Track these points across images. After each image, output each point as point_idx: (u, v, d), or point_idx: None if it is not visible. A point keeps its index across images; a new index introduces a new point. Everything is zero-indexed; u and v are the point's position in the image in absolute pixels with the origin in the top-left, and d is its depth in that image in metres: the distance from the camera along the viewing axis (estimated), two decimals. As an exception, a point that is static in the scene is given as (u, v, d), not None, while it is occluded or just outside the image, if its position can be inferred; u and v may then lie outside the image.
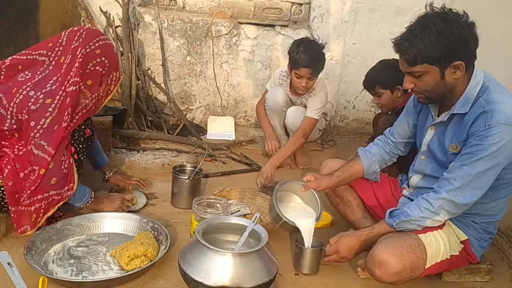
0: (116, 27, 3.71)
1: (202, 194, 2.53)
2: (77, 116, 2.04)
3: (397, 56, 1.83)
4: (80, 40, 2.00)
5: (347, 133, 4.09)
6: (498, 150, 1.70)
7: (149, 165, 2.99)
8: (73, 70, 1.98)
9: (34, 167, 1.91)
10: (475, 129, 1.74)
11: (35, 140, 1.90)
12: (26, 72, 2.02)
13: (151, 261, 1.87)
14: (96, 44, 2.02)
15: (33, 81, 1.98)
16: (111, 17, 3.70)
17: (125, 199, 2.33)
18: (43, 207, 1.94)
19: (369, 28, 3.80)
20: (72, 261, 1.92)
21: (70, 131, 2.02)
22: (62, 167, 1.96)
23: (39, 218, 1.96)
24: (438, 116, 1.92)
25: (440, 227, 1.91)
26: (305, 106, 3.19)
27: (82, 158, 2.15)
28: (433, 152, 1.95)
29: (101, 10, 3.69)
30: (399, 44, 1.75)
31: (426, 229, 1.89)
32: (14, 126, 1.95)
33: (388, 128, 2.24)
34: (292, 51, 2.99)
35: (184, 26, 3.83)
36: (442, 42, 1.66)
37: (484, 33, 2.22)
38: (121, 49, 3.65)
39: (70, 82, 1.97)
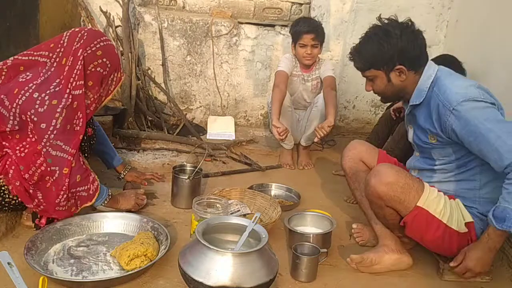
0: (116, 27, 3.71)
1: (202, 194, 2.53)
2: (87, 116, 2.06)
3: None
4: (81, 42, 2.00)
5: (347, 133, 4.08)
6: (481, 112, 1.80)
7: (149, 165, 2.99)
8: (75, 73, 1.98)
9: (53, 168, 1.93)
10: (445, 120, 1.86)
11: (51, 141, 1.92)
12: (28, 73, 2.02)
13: (151, 261, 1.87)
14: (97, 46, 2.02)
15: (35, 83, 1.97)
16: (111, 17, 3.70)
17: (138, 193, 2.36)
18: (74, 203, 2.03)
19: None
20: (72, 261, 1.92)
21: None
22: (82, 163, 2.03)
23: (75, 209, 2.06)
24: None
25: (451, 197, 1.96)
26: (318, 82, 3.29)
27: (84, 156, 2.16)
28: (419, 146, 2.07)
29: (101, 10, 3.69)
30: (351, 53, 2.06)
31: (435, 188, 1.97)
32: (17, 127, 1.95)
33: None
34: (293, 27, 3.20)
35: (184, 26, 3.84)
36: (381, 50, 1.94)
37: (484, 33, 2.23)
38: (121, 49, 3.65)
39: (74, 86, 1.98)
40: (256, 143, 3.64)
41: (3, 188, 1.97)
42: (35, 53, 2.06)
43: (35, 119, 1.91)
